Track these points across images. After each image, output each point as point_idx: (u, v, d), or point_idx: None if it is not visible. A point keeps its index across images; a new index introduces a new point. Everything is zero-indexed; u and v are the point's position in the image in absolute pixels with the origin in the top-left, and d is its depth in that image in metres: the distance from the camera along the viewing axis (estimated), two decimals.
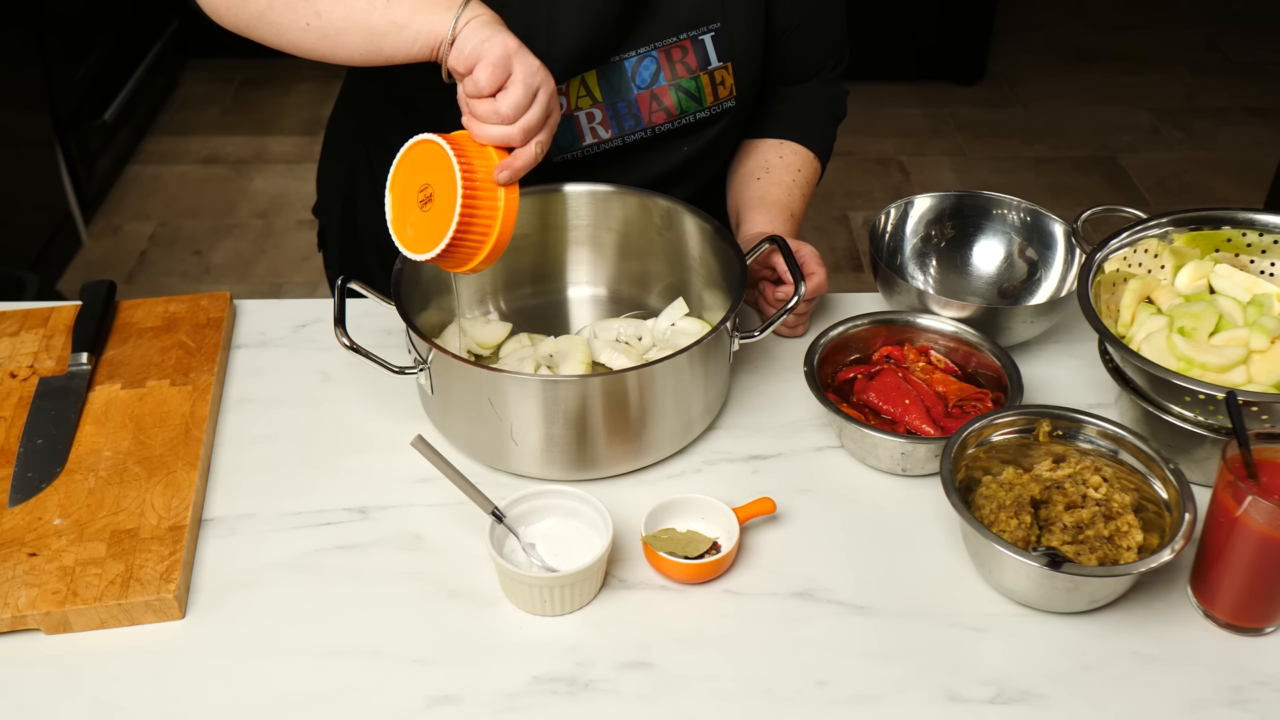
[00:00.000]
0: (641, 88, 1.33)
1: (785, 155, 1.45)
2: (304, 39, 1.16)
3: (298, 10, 1.15)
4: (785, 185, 1.43)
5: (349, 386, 1.28)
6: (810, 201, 1.49)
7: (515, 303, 1.37)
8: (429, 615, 1.04)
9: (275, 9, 1.15)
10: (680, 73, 1.33)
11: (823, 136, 1.49)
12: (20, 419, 1.21)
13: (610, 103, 1.33)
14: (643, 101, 1.33)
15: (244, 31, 1.20)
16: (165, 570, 1.04)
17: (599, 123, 1.34)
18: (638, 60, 1.31)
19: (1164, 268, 1.27)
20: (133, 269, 3.14)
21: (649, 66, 1.32)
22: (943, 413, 1.21)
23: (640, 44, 1.31)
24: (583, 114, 1.33)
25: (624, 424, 1.13)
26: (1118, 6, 4.57)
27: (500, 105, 1.08)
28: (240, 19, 1.19)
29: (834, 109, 1.51)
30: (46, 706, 0.96)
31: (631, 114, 1.34)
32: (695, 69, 1.33)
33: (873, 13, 3.83)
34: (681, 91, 1.33)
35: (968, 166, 3.62)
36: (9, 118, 2.86)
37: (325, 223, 1.60)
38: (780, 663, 1.00)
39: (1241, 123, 3.86)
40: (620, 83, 1.32)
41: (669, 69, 1.32)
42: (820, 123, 1.49)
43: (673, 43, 1.32)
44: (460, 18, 1.10)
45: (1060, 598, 1.02)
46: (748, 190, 1.43)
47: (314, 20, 1.14)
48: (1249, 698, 0.98)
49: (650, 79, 1.32)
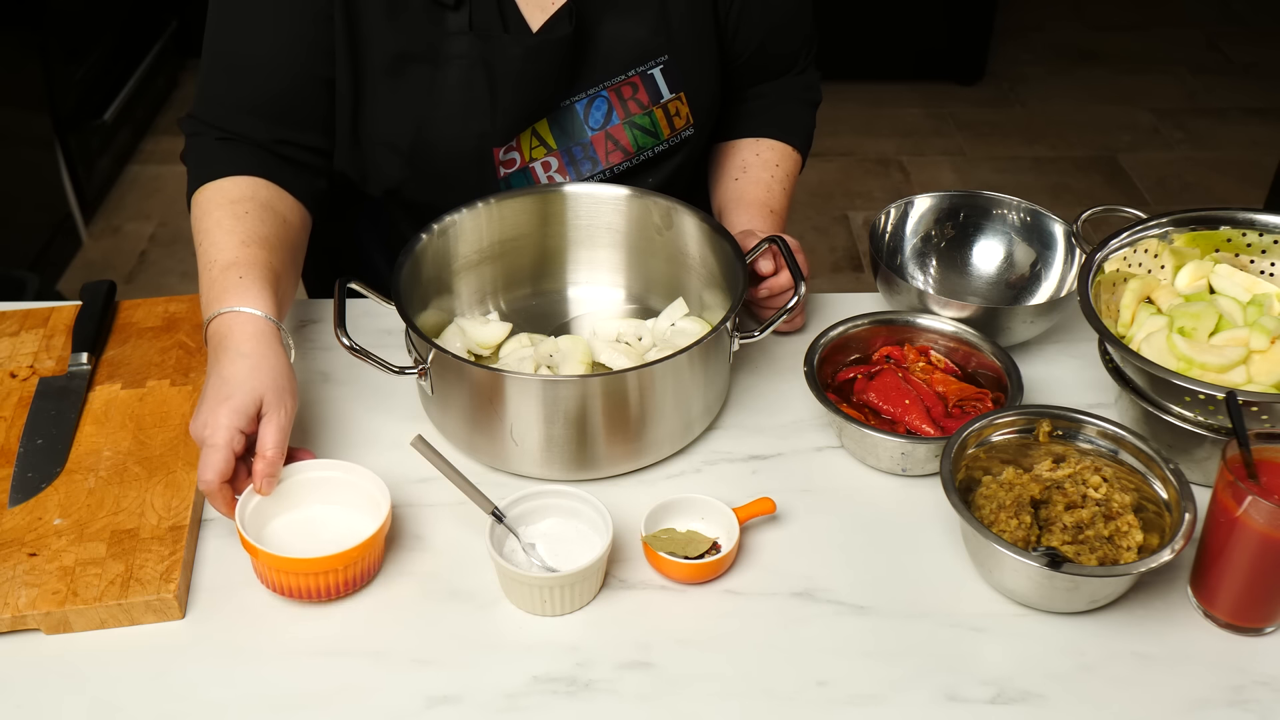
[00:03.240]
0: (595, 129, 1.32)
1: (762, 152, 1.45)
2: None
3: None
4: (764, 183, 1.42)
5: (349, 386, 1.28)
6: (810, 201, 1.49)
7: (515, 303, 1.37)
8: (429, 615, 1.04)
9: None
10: (633, 109, 1.32)
11: (799, 126, 1.49)
12: (20, 419, 1.21)
13: (565, 148, 1.32)
14: (598, 143, 1.33)
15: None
16: (165, 570, 1.04)
17: (555, 170, 1.33)
18: (588, 102, 1.31)
19: (1164, 268, 1.27)
20: (133, 269, 3.14)
21: (600, 107, 1.31)
22: (943, 413, 1.21)
23: (589, 85, 1.31)
24: (538, 164, 1.32)
25: (624, 424, 1.13)
26: (1118, 6, 4.57)
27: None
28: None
29: (808, 97, 1.51)
30: (46, 706, 0.96)
31: (588, 157, 1.33)
32: (648, 104, 1.33)
33: (873, 13, 3.83)
34: (636, 129, 1.33)
35: (968, 166, 3.62)
36: (9, 118, 2.86)
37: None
38: (780, 663, 1.00)
39: (1241, 123, 3.85)
40: (573, 126, 1.32)
41: (621, 107, 1.32)
42: (795, 113, 1.49)
43: (622, 80, 1.31)
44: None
45: (1060, 598, 1.02)
46: (727, 192, 1.43)
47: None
48: (1249, 698, 0.97)
49: (603, 119, 1.32)
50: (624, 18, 1.29)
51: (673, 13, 1.31)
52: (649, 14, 1.30)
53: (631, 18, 1.30)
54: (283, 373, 1.10)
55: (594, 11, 1.27)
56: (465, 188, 1.30)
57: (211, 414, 1.05)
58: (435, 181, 1.31)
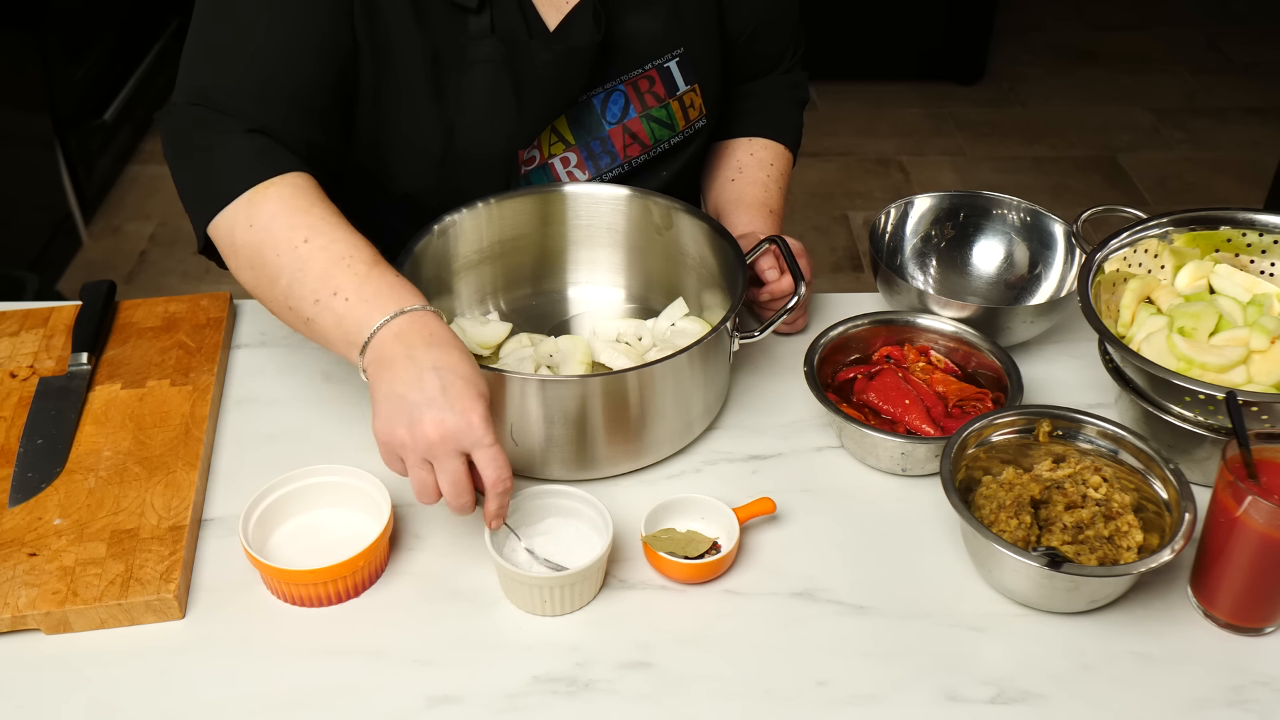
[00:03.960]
0: (613, 123, 1.32)
1: (756, 152, 1.45)
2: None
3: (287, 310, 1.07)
4: (761, 183, 1.42)
5: (349, 386, 1.28)
6: (810, 201, 1.50)
7: (515, 303, 1.37)
8: (429, 615, 1.04)
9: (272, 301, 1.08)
10: (650, 103, 1.32)
11: (790, 125, 1.49)
12: (20, 419, 1.21)
13: (584, 143, 1.32)
14: (615, 137, 1.33)
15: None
16: (165, 570, 1.04)
17: (575, 166, 1.33)
18: (606, 96, 1.31)
19: (1164, 268, 1.27)
20: (133, 269, 3.14)
21: (618, 101, 1.31)
22: (943, 413, 1.21)
23: (607, 80, 1.31)
24: (557, 160, 1.32)
25: (624, 424, 1.13)
26: (1118, 6, 4.57)
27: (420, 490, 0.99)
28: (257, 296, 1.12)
29: (796, 95, 1.51)
30: (46, 706, 0.96)
31: (606, 151, 1.33)
32: (664, 97, 1.33)
33: (873, 13, 3.83)
34: (653, 121, 1.33)
35: (968, 166, 3.61)
36: (9, 118, 2.86)
37: None
38: (780, 663, 1.00)
39: (1241, 123, 3.85)
40: (591, 121, 1.32)
41: (638, 100, 1.32)
42: (785, 112, 1.49)
43: (639, 74, 1.31)
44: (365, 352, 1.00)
45: (1060, 598, 1.02)
46: (725, 193, 1.43)
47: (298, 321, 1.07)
48: (1249, 698, 0.97)
49: (620, 113, 1.32)
50: (640, 13, 1.30)
51: (684, 4, 1.31)
52: (662, 8, 1.30)
53: (647, 12, 1.30)
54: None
55: (612, 9, 1.27)
56: (488, 184, 1.30)
57: (472, 410, 0.95)
58: (463, 183, 1.30)
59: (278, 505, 1.08)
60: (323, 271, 1.03)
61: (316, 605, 1.04)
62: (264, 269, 1.06)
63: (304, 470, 1.10)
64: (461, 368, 0.97)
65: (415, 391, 0.96)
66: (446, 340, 0.99)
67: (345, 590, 1.04)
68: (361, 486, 1.09)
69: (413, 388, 0.96)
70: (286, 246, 1.04)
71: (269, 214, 1.06)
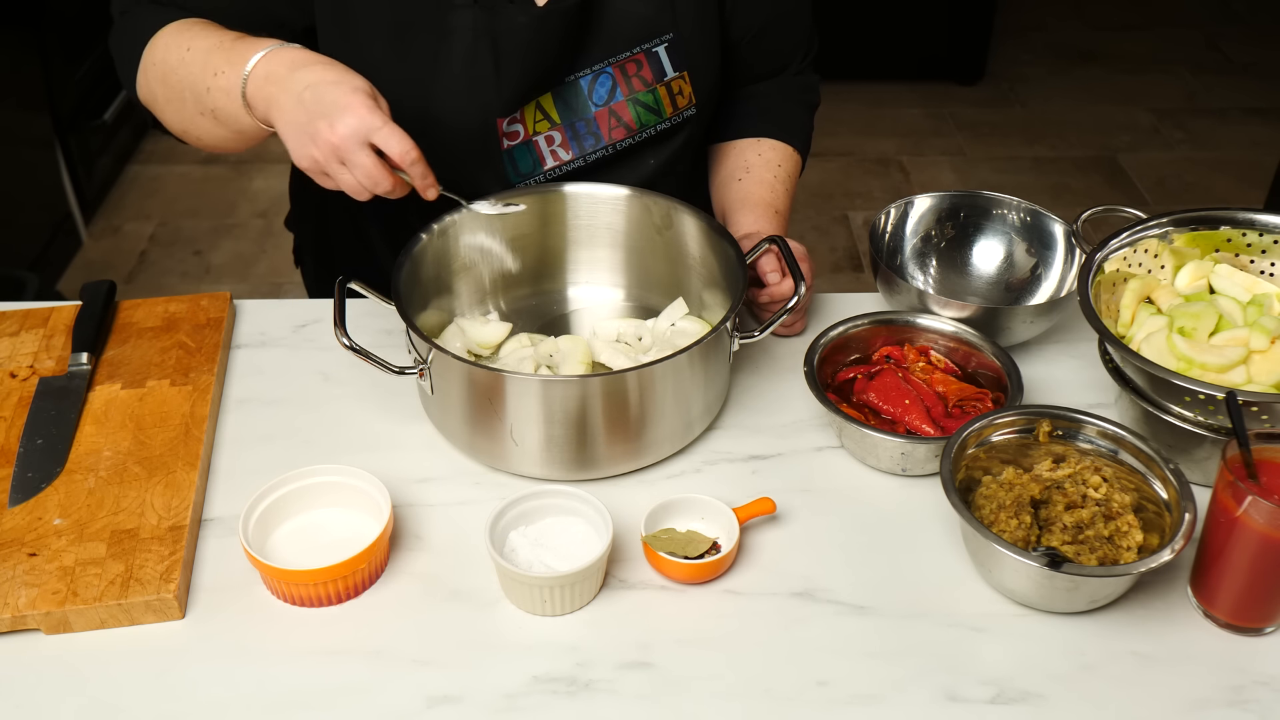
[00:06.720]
0: (599, 105, 1.32)
1: (764, 152, 1.45)
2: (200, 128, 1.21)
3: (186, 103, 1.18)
4: (768, 183, 1.42)
5: (349, 386, 1.28)
6: (810, 201, 1.50)
7: (515, 303, 1.37)
8: (429, 615, 1.04)
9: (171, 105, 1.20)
10: (637, 86, 1.32)
11: (799, 128, 1.49)
12: (20, 419, 1.21)
13: (568, 123, 1.32)
14: (601, 119, 1.32)
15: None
16: (165, 570, 1.04)
17: (559, 145, 1.33)
18: (593, 78, 1.31)
19: (1164, 268, 1.27)
20: (133, 269, 3.14)
21: (604, 83, 1.31)
22: (943, 413, 1.21)
23: (594, 61, 1.31)
24: (541, 138, 1.32)
25: (624, 424, 1.13)
26: (1118, 6, 4.57)
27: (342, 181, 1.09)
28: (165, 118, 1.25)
29: (807, 99, 1.51)
30: (46, 706, 0.96)
31: (591, 133, 1.33)
32: (652, 81, 1.32)
33: (873, 13, 3.83)
34: (640, 105, 1.33)
35: (968, 166, 3.62)
36: (9, 118, 2.86)
37: (300, 241, 1.61)
38: (780, 663, 1.00)
39: (1241, 123, 3.86)
40: (577, 102, 1.32)
41: (625, 84, 1.32)
42: (795, 114, 1.49)
43: (626, 57, 1.31)
44: (247, 75, 1.10)
45: (1060, 598, 1.02)
46: (731, 192, 1.43)
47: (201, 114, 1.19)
48: (1249, 698, 0.98)
49: (607, 95, 1.32)
50: None
51: None
52: None
53: None
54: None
55: None
56: (470, 159, 1.30)
57: (352, 106, 1.05)
58: (439, 151, 1.30)
59: (277, 505, 1.08)
60: (203, 64, 1.14)
61: (316, 605, 1.04)
62: (173, 93, 1.18)
63: (304, 470, 1.10)
64: (329, 74, 1.07)
65: (301, 113, 1.07)
66: (308, 59, 1.09)
67: (345, 590, 1.04)
68: (361, 486, 1.09)
69: (298, 111, 1.07)
70: (177, 63, 1.17)
71: (162, 49, 1.18)
